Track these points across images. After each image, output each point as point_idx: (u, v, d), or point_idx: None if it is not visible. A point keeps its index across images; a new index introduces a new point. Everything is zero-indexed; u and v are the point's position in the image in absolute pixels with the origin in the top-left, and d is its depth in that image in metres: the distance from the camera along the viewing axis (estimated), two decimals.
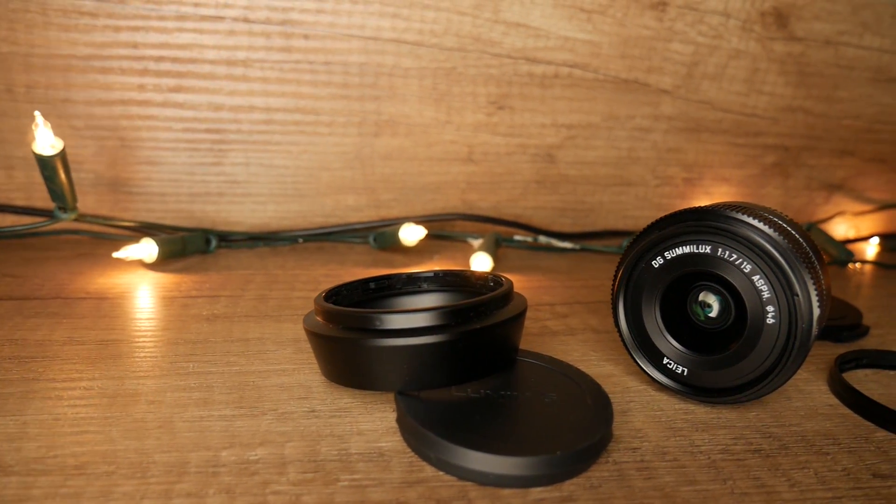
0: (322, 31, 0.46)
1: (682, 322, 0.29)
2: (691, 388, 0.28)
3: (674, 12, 0.51)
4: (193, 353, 0.30)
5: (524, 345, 0.33)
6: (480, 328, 0.24)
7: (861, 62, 0.57)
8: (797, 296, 0.24)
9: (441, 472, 0.22)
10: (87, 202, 0.46)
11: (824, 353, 0.34)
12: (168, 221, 0.47)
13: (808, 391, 0.30)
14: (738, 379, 0.26)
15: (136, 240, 0.40)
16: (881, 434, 0.27)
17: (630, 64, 0.52)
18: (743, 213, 0.26)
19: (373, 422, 0.25)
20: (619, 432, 0.25)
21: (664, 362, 0.28)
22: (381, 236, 0.47)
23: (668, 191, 0.57)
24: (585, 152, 0.54)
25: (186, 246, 0.42)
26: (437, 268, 0.44)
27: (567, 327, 0.36)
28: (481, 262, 0.43)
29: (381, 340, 0.24)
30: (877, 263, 0.54)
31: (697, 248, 0.26)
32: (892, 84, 0.58)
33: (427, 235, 0.52)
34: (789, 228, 0.27)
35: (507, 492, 0.21)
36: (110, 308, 0.35)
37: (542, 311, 0.38)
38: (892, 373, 0.33)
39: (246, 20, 0.44)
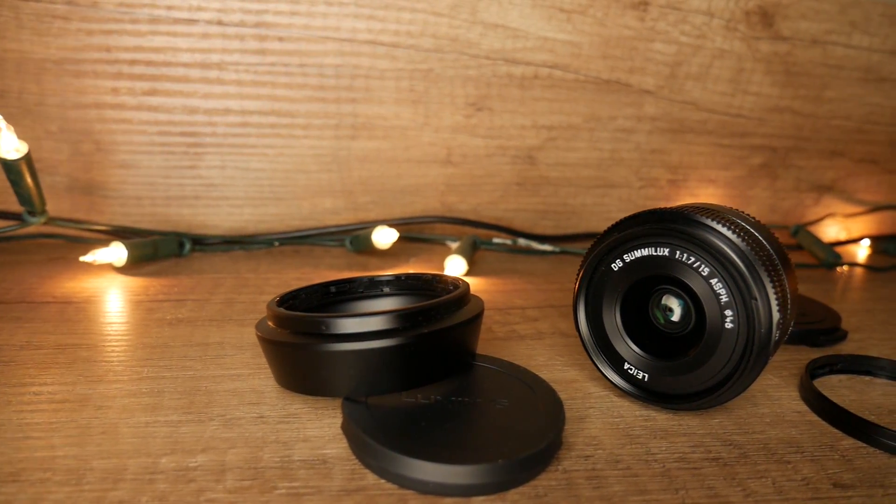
0: (297, 34, 0.45)
1: (643, 326, 0.28)
2: (652, 394, 0.27)
3: (656, 12, 0.51)
4: (150, 357, 0.30)
5: (489, 349, 0.33)
6: (428, 332, 0.24)
7: (850, 62, 0.56)
8: (755, 299, 0.24)
9: (382, 481, 0.22)
10: (62, 206, 0.46)
11: (799, 358, 0.34)
12: (144, 225, 0.47)
13: (776, 397, 0.29)
14: (699, 385, 0.26)
15: (105, 244, 0.40)
16: (848, 442, 0.26)
17: (611, 64, 0.51)
18: (702, 215, 0.25)
19: (321, 428, 0.24)
20: (573, 439, 0.25)
21: (625, 367, 0.27)
22: (356, 239, 0.46)
23: (653, 192, 0.56)
24: (567, 154, 0.53)
25: (158, 249, 0.42)
26: (410, 271, 0.43)
27: (536, 331, 0.35)
28: (455, 266, 0.43)
29: (325, 345, 0.23)
30: (866, 266, 0.53)
31: (656, 251, 0.26)
32: (883, 84, 0.57)
33: (405, 238, 0.51)
34: (753, 231, 0.27)
35: (448, 500, 0.21)
36: (74, 312, 0.35)
37: (513, 315, 0.38)
38: (866, 378, 0.32)
39: (220, 23, 0.44)
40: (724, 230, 0.25)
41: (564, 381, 0.29)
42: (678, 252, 0.25)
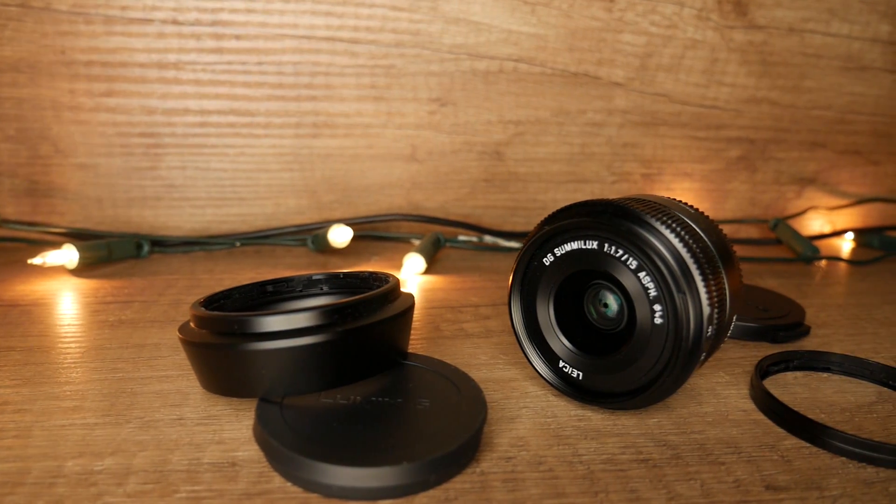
0: (253, 31, 0.45)
1: (579, 323, 0.27)
2: (587, 393, 0.26)
3: (623, 2, 0.50)
4: (82, 359, 0.29)
5: (433, 347, 0.32)
6: (344, 331, 0.23)
7: (829, 50, 0.54)
8: (683, 293, 0.23)
9: (289, 484, 0.21)
10: (23, 209, 0.46)
11: (757, 355, 0.32)
12: (106, 227, 0.47)
13: (724, 395, 0.28)
14: (633, 383, 0.25)
15: (57, 246, 0.40)
16: (790, 442, 0.25)
17: (579, 57, 0.50)
18: (632, 206, 0.24)
19: (238, 430, 0.24)
20: (498, 440, 0.24)
21: (560, 365, 0.26)
22: (316, 238, 0.46)
23: (626, 187, 0.55)
24: (535, 149, 0.52)
25: (112, 251, 0.42)
26: (369, 269, 0.43)
27: (485, 329, 0.34)
28: (413, 264, 0.42)
29: (236, 345, 0.23)
30: (845, 260, 0.52)
31: (585, 244, 0.25)
32: (864, 72, 0.56)
33: (371, 237, 0.51)
34: (690, 222, 0.26)
35: None
36: (17, 315, 0.34)
37: (465, 313, 0.37)
38: (824, 375, 0.31)
39: (175, 22, 0.44)
40: (653, 221, 0.24)
41: (503, 381, 0.29)
42: (606, 245, 0.24)
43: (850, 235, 0.58)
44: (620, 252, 0.24)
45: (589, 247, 0.25)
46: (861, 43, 0.55)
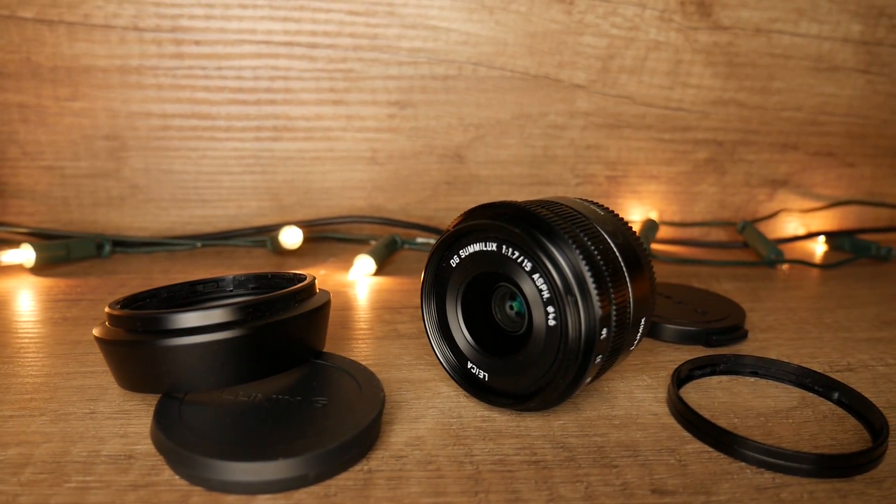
0: (213, 37, 0.46)
1: (487, 325, 0.27)
2: (493, 394, 0.26)
3: (583, 5, 0.50)
4: (16, 354, 0.30)
5: (360, 347, 0.32)
6: (245, 329, 0.23)
7: (798, 50, 0.54)
8: (572, 295, 0.23)
9: (177, 477, 0.22)
10: None
11: (688, 358, 0.32)
12: (73, 228, 0.49)
13: (639, 398, 0.28)
14: (531, 385, 0.25)
15: (16, 245, 0.41)
16: (694, 446, 0.25)
17: (539, 59, 0.50)
18: (531, 207, 0.24)
19: (146, 425, 0.25)
20: (396, 439, 0.24)
21: (468, 366, 0.27)
22: (274, 240, 0.47)
23: (591, 190, 0.55)
24: (497, 151, 0.52)
25: (71, 251, 0.43)
26: (322, 271, 0.44)
27: (417, 331, 0.35)
28: (363, 265, 0.43)
29: (138, 342, 0.23)
30: (810, 263, 0.51)
31: (486, 246, 0.25)
32: (836, 73, 0.55)
33: (332, 238, 0.51)
34: (594, 224, 0.26)
35: (231, 498, 0.21)
36: None
37: (403, 314, 0.37)
38: (750, 380, 0.31)
39: (136, 28, 0.45)
40: (550, 223, 0.24)
41: (419, 381, 0.29)
42: (504, 247, 0.24)
43: (822, 238, 0.57)
44: (517, 254, 0.24)
45: (489, 248, 0.25)
46: (832, 43, 0.54)
